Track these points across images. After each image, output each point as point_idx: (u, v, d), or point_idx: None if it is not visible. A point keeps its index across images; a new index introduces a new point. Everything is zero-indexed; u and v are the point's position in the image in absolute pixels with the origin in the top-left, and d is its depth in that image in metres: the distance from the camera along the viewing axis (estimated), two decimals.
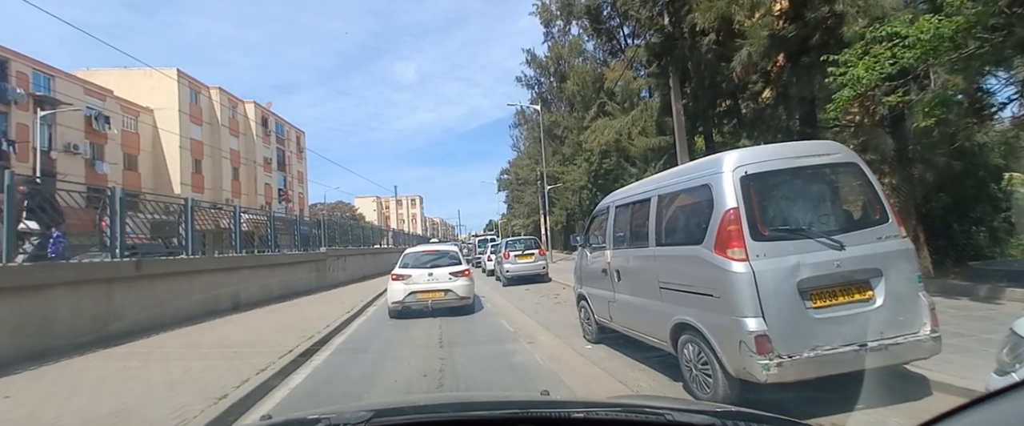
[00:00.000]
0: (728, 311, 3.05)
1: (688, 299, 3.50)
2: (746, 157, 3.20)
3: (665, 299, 3.87)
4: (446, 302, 8.72)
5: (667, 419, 1.18)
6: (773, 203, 3.17)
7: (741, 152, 3.25)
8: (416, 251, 9.72)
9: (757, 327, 2.87)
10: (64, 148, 27.14)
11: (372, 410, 1.26)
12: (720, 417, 1.17)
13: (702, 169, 3.44)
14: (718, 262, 3.12)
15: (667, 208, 3.97)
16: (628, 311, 4.68)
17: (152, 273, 7.74)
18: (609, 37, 21.19)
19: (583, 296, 5.98)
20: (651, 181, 4.42)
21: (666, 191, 3.94)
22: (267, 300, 11.24)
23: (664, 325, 3.89)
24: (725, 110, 12.65)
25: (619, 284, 4.82)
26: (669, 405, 1.39)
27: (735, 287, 2.98)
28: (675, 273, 3.70)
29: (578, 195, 25.24)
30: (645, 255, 4.19)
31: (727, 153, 3.32)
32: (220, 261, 9.82)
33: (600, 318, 5.49)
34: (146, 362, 5.39)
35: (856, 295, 2.96)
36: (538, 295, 11.67)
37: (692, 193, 3.54)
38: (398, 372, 5.06)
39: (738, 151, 3.26)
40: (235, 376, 4.64)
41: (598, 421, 1.31)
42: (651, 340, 4.28)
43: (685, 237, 3.64)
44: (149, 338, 6.82)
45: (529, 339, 6.50)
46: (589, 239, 5.96)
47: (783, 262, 2.96)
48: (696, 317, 3.39)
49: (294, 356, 5.56)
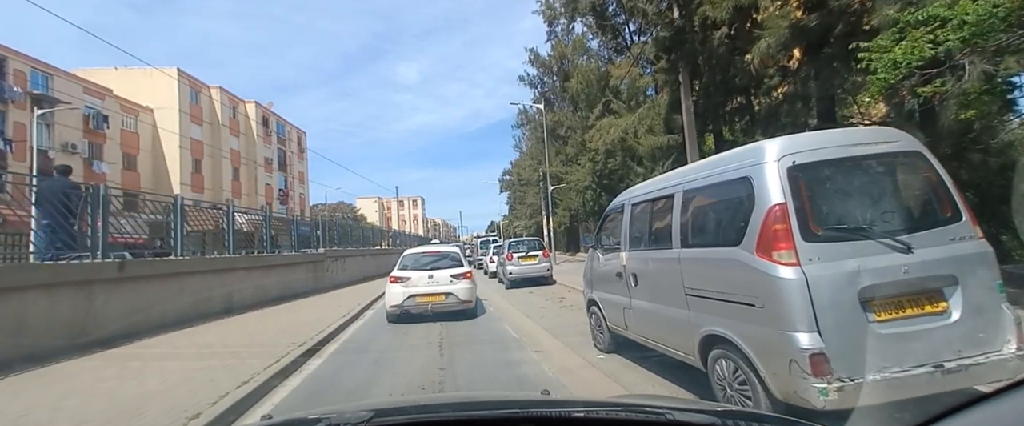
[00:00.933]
0: (774, 324, 2.61)
1: (721, 308, 3.06)
2: (793, 145, 2.76)
3: (692, 307, 3.43)
4: (447, 306, 8.30)
5: (668, 418, 1.18)
6: (826, 198, 2.73)
7: (786, 139, 2.81)
8: (415, 252, 9.30)
9: (812, 344, 2.43)
10: (62, 147, 26.86)
11: (373, 410, 1.26)
12: (721, 417, 1.16)
13: (739, 160, 3.00)
14: (761, 266, 2.68)
15: (695, 205, 3.53)
16: (647, 319, 4.25)
17: (138, 275, 7.34)
18: (614, 34, 20.79)
19: (594, 301, 5.54)
20: (674, 175, 3.98)
21: (694, 186, 3.50)
22: (262, 302, 10.83)
23: (690, 336, 3.46)
24: (736, 107, 12.22)
25: (636, 289, 4.38)
26: (669, 405, 1.39)
27: (783, 296, 2.54)
28: (705, 278, 3.27)
29: (582, 196, 24.76)
30: (667, 258, 3.75)
31: (769, 141, 2.87)
32: (212, 262, 9.42)
33: (614, 325, 5.05)
34: (121, 372, 4.97)
35: (927, 307, 2.52)
36: (543, 298, 11.23)
37: (726, 187, 3.10)
38: (395, 384, 4.64)
39: (782, 139, 2.82)
40: (214, 389, 4.22)
41: (598, 421, 1.31)
42: (674, 352, 3.85)
43: (718, 238, 3.20)
44: (131, 344, 6.41)
45: (536, 347, 6.07)
46: (601, 240, 5.52)
47: (840, 267, 2.52)
48: (732, 329, 2.95)
49: (282, 366, 5.14)
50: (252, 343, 6.42)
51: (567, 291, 12.31)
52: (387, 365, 5.43)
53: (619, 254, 4.76)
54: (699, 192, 3.44)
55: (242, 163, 41.65)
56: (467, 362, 5.45)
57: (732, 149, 3.23)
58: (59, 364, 5.35)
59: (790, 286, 2.53)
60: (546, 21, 27.57)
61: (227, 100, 40.10)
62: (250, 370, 4.84)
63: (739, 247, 2.88)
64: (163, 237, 10.30)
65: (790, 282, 2.53)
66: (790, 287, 2.52)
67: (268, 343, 6.32)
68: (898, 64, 5.26)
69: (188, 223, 10.55)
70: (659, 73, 13.08)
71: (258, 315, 9.24)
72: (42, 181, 6.73)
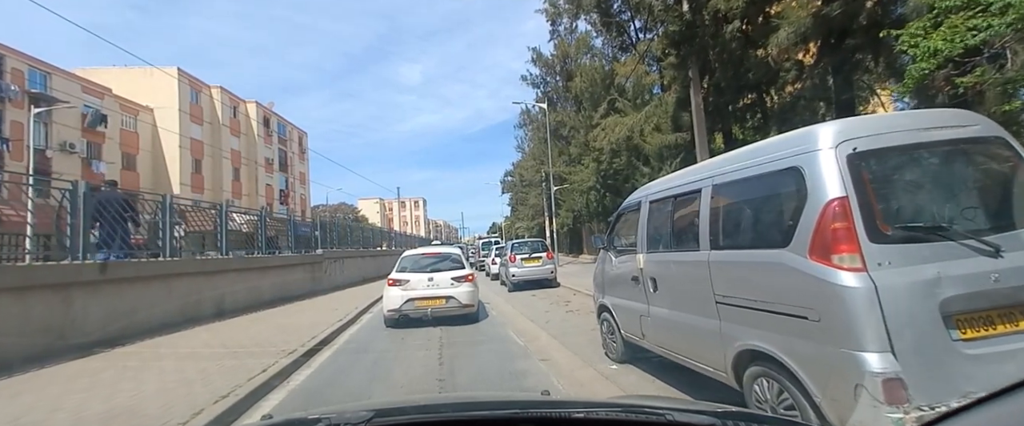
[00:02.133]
0: (834, 341, 2.19)
1: (763, 320, 2.65)
2: (852, 129, 2.35)
3: (724, 317, 3.02)
4: (447, 310, 7.89)
5: (668, 419, 1.17)
6: (895, 191, 2.32)
7: (844, 123, 2.39)
8: (415, 254, 8.89)
9: (885, 366, 2.01)
10: (60, 147, 26.59)
11: (373, 410, 1.26)
12: (721, 417, 1.16)
13: (785, 148, 2.58)
14: (816, 272, 2.27)
15: (727, 202, 3.12)
16: (667, 328, 3.84)
17: (121, 277, 6.95)
18: (619, 32, 20.41)
19: (606, 307, 5.13)
20: (701, 168, 3.56)
21: (726, 180, 3.08)
22: (256, 305, 10.44)
23: (721, 350, 3.04)
24: (748, 104, 11.78)
25: (655, 295, 3.97)
26: (669, 405, 1.39)
27: (846, 308, 2.13)
28: (741, 285, 2.85)
29: (586, 196, 24.33)
30: (693, 261, 3.34)
31: (823, 125, 2.46)
32: (203, 263, 9.04)
33: (628, 334, 4.64)
34: (93, 382, 4.57)
35: (1023, 323, 2.10)
36: (547, 302, 10.81)
37: (769, 181, 2.69)
38: (390, 397, 4.24)
39: (838, 122, 2.41)
40: (189, 405, 3.82)
41: (598, 421, 1.31)
42: (700, 367, 3.43)
43: (758, 239, 2.79)
44: (111, 351, 6.02)
45: (543, 356, 5.65)
46: (613, 241, 5.11)
47: (917, 273, 2.11)
48: (777, 345, 2.53)
49: (268, 377, 4.74)
50: (241, 349, 6.02)
51: (572, 294, 11.89)
52: (382, 377, 5.03)
53: (635, 256, 4.35)
54: (733, 187, 3.03)
55: (243, 163, 41.35)
56: (469, 372, 5.05)
57: (771, 138, 2.82)
58: (28, 374, 4.96)
59: (855, 296, 2.11)
60: (549, 20, 27.26)
61: (228, 100, 39.83)
62: (232, 381, 4.44)
63: (786, 249, 2.47)
64: (171, 238, 10.02)
65: (855, 291, 2.11)
66: (855, 297, 2.11)
67: (257, 349, 5.92)
68: (938, 52, 4.84)
69: (187, 223, 10.23)
70: (667, 69, 12.66)
71: (249, 319, 8.85)
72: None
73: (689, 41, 11.02)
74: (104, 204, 7.11)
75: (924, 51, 4.87)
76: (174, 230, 10.22)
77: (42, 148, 25.75)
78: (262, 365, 5.05)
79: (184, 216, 10.31)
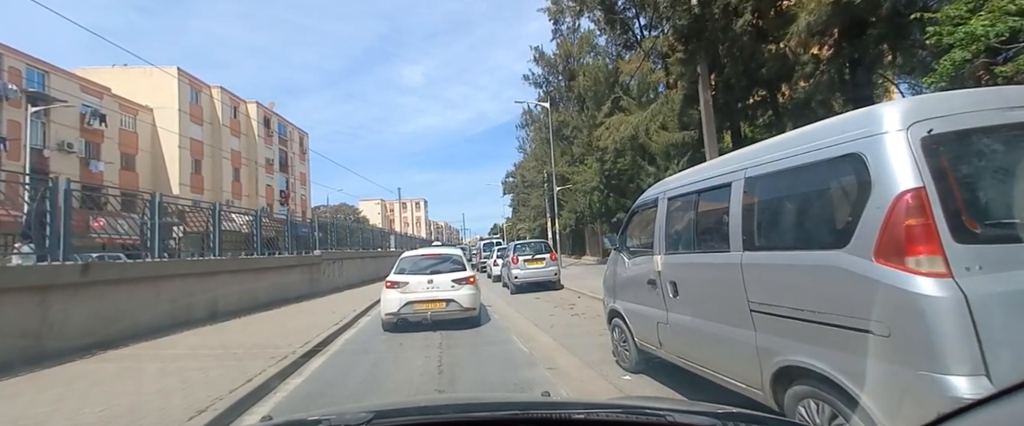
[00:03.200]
0: (909, 361, 1.83)
1: (812, 332, 2.28)
2: (926, 108, 1.98)
3: (760, 328, 2.66)
4: (448, 314, 7.53)
5: (668, 420, 1.17)
6: (984, 181, 1.96)
7: (915, 101, 2.04)
8: (414, 255, 8.53)
9: (978, 392, 1.64)
10: (58, 146, 26.33)
11: (373, 411, 1.26)
12: (721, 418, 1.15)
13: (841, 131, 2.21)
14: (886, 278, 1.90)
15: (765, 196, 2.75)
16: (689, 338, 3.47)
17: (105, 279, 6.62)
18: (624, 29, 20.07)
19: (618, 312, 4.76)
20: (730, 160, 3.20)
21: (763, 171, 2.72)
22: (251, 308, 10.10)
23: (756, 365, 2.68)
24: (759, 101, 11.40)
25: (675, 301, 3.61)
26: (670, 406, 1.38)
27: (927, 322, 1.77)
28: (784, 291, 2.49)
29: (589, 197, 23.92)
30: (723, 263, 2.97)
31: (889, 104, 2.10)
32: (195, 265, 8.69)
33: (643, 342, 4.27)
34: (63, 394, 4.22)
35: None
36: (551, 305, 10.45)
37: (820, 170, 2.32)
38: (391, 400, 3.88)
39: (907, 100, 2.06)
40: (162, 421, 3.47)
41: (598, 422, 1.31)
42: (728, 381, 3.07)
43: (805, 238, 2.43)
44: (90, 359, 5.68)
45: (549, 364, 5.29)
46: (626, 241, 4.75)
47: (1014, 280, 1.74)
48: (831, 363, 2.16)
49: (254, 387, 4.39)
50: (228, 354, 5.68)
51: (576, 297, 11.52)
52: (377, 387, 4.67)
53: (652, 258, 3.98)
54: (773, 179, 2.66)
55: (243, 164, 41.09)
56: (470, 382, 4.71)
57: (821, 122, 2.44)
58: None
59: (938, 308, 1.75)
60: (552, 19, 26.95)
61: (228, 100, 39.60)
62: (214, 392, 4.09)
63: (843, 250, 2.10)
64: (162, 239, 9.73)
65: (938, 302, 1.75)
66: (939, 309, 1.74)
67: (247, 355, 5.57)
68: (977, 38, 4.46)
69: (186, 224, 9.94)
70: (674, 66, 12.30)
71: (242, 323, 8.50)
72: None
73: (698, 35, 10.64)
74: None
75: (963, 37, 4.51)
76: (173, 231, 9.94)
77: (40, 147, 25.50)
78: (247, 375, 4.70)
79: (183, 216, 10.02)
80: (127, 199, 8.15)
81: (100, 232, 8.10)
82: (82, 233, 8.29)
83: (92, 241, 9.41)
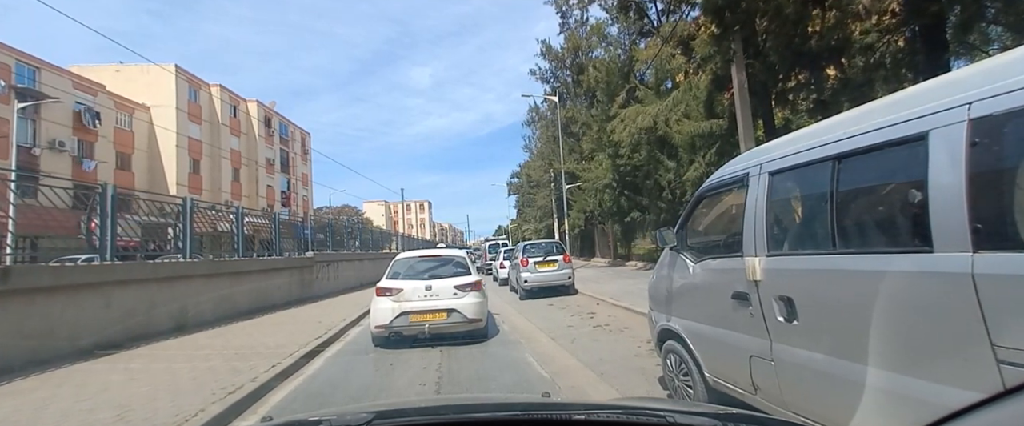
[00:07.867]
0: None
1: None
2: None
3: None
4: (449, 326, 6.31)
5: (669, 421, 1.14)
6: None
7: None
8: (410, 257, 7.30)
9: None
10: (49, 145, 25.45)
11: (373, 412, 1.25)
12: (722, 419, 1.15)
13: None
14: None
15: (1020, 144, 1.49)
16: (827, 387, 2.19)
17: (34, 286, 5.46)
18: (639, 15, 18.81)
19: (676, 334, 3.51)
20: (913, 97, 1.92)
21: (1008, 106, 1.45)
22: (229, 316, 8.95)
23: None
24: (801, 83, 10.09)
25: (789, 328, 2.35)
26: (670, 407, 1.37)
27: None
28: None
29: (600, 195, 22.61)
30: (914, 272, 1.72)
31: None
32: (156, 268, 7.52)
33: (719, 379, 3.02)
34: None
35: None
36: (567, 313, 9.19)
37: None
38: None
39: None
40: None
41: (599, 423, 1.31)
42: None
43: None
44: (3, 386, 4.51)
45: (578, 394, 4.06)
46: (685, 237, 3.50)
47: None
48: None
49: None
50: (173, 385, 4.48)
51: (595, 303, 10.24)
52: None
53: (739, 261, 2.72)
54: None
55: (243, 164, 40.20)
56: None
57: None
58: None
59: None
60: (559, 11, 25.78)
61: (227, 98, 38.73)
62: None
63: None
64: (160, 241, 8.75)
65: None
66: None
67: (192, 386, 4.38)
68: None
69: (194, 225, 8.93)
70: (701, 47, 11.02)
71: (209, 336, 7.32)
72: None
73: (733, 7, 9.38)
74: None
75: None
76: (170, 231, 8.86)
77: (29, 146, 24.61)
78: (193, 409, 3.49)
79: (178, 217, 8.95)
80: (80, 192, 7.06)
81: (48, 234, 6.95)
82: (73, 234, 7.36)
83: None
